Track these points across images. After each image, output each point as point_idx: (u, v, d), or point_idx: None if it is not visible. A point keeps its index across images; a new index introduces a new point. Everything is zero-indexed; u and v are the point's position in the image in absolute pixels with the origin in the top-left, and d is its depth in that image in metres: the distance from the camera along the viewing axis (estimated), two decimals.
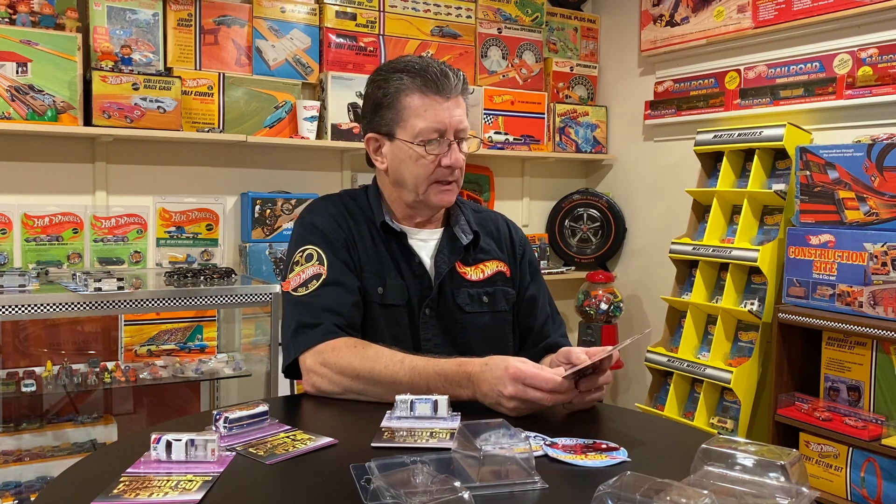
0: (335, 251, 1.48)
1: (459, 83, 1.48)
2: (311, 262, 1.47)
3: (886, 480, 2.15)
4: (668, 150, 3.38)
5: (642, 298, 3.51)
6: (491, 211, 1.72)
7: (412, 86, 1.46)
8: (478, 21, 3.38)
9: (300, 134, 2.91)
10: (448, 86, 1.46)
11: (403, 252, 1.52)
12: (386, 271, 1.50)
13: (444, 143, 1.47)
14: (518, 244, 1.66)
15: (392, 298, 1.49)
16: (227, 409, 1.16)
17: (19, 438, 2.45)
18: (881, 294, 2.18)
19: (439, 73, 1.45)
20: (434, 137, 1.46)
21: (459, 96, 1.49)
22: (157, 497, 0.92)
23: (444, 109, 1.46)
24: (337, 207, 1.55)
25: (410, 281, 1.51)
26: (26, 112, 2.41)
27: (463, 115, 1.49)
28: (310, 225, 1.52)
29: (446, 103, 1.46)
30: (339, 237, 1.50)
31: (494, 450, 0.97)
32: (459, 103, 1.49)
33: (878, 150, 2.26)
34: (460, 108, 1.49)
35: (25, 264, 2.54)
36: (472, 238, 1.57)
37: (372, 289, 1.48)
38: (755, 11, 2.90)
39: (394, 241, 1.53)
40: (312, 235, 1.50)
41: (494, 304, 1.57)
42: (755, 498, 0.86)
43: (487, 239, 1.61)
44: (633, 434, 1.24)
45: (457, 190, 1.54)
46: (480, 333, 1.54)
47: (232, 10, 2.87)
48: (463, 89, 1.49)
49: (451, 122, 1.46)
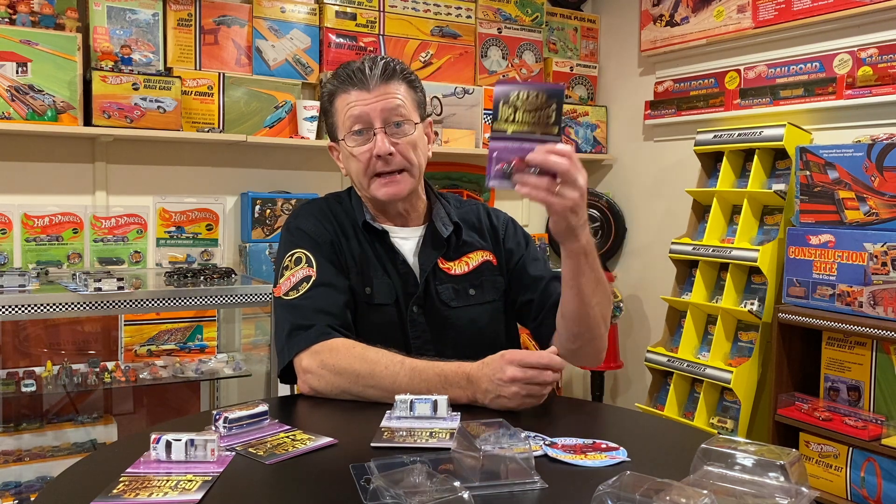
0: (323, 253, 1.48)
1: (377, 72, 1.45)
2: (300, 265, 1.47)
3: (886, 480, 2.15)
4: (668, 150, 3.38)
5: (642, 298, 3.51)
6: (472, 202, 1.70)
7: (334, 88, 1.49)
8: (478, 21, 3.38)
9: (300, 134, 2.91)
10: (364, 78, 1.45)
11: (388, 251, 1.52)
12: (372, 271, 1.50)
13: (369, 134, 1.46)
14: (499, 229, 1.64)
15: (379, 298, 1.49)
16: (226, 409, 1.16)
17: (19, 438, 2.45)
18: (881, 294, 2.18)
19: (356, 69, 1.46)
20: (357, 129, 1.46)
21: (388, 83, 1.46)
22: (157, 497, 0.92)
23: (363, 101, 1.45)
24: (322, 211, 1.56)
25: (396, 280, 1.51)
26: (26, 112, 2.41)
27: (392, 102, 1.45)
28: (296, 229, 1.52)
29: (368, 93, 1.45)
30: (326, 239, 1.50)
31: (494, 450, 0.97)
32: (387, 90, 1.46)
33: (878, 150, 2.26)
34: (389, 94, 1.45)
35: (25, 264, 2.54)
36: (451, 229, 1.56)
37: (360, 289, 1.49)
38: (755, 11, 2.90)
39: (377, 241, 1.53)
40: (300, 239, 1.51)
41: (483, 296, 1.56)
42: (755, 498, 0.86)
43: (470, 231, 1.60)
44: (633, 434, 1.25)
45: (407, 182, 1.49)
46: (469, 327, 1.53)
47: (232, 10, 2.87)
48: (386, 77, 1.46)
49: (371, 111, 1.44)
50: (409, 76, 1.52)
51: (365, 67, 1.46)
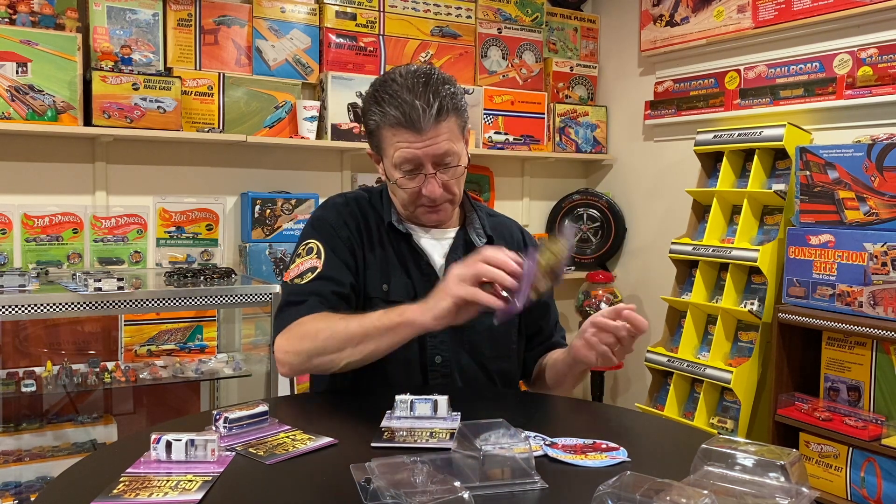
0: (335, 249, 1.51)
1: (431, 115, 1.41)
2: (310, 255, 1.51)
3: (886, 480, 2.15)
4: (668, 150, 3.38)
5: (642, 298, 3.51)
6: (506, 217, 1.74)
7: (384, 121, 1.45)
8: (478, 21, 3.38)
9: (300, 134, 2.91)
10: (417, 119, 1.41)
11: (411, 252, 1.55)
12: (391, 269, 1.53)
13: (419, 174, 1.47)
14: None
15: (396, 295, 1.50)
16: (226, 409, 1.16)
17: (19, 438, 2.45)
18: (881, 294, 2.18)
19: (408, 109, 1.41)
20: (409, 168, 1.46)
21: (440, 124, 1.43)
22: (157, 497, 0.92)
23: (415, 144, 1.43)
24: (348, 206, 1.58)
25: (418, 279, 1.53)
26: (26, 112, 2.41)
27: (444, 142, 1.44)
28: (318, 220, 1.57)
29: (419, 136, 1.43)
30: (344, 234, 1.53)
31: (494, 450, 0.97)
32: (439, 131, 1.43)
33: (878, 150, 2.26)
34: (440, 136, 1.44)
35: (25, 264, 2.54)
36: (485, 242, 1.59)
37: (377, 285, 1.51)
38: (755, 11, 2.90)
39: (402, 241, 1.56)
40: (318, 230, 1.54)
41: None
42: (755, 498, 0.86)
43: (500, 243, 1.62)
44: (633, 434, 1.25)
45: (450, 208, 1.55)
46: (487, 333, 1.55)
47: (232, 10, 2.87)
48: (441, 116, 1.42)
49: (424, 154, 1.44)
50: (459, 105, 1.48)
51: (418, 107, 1.41)
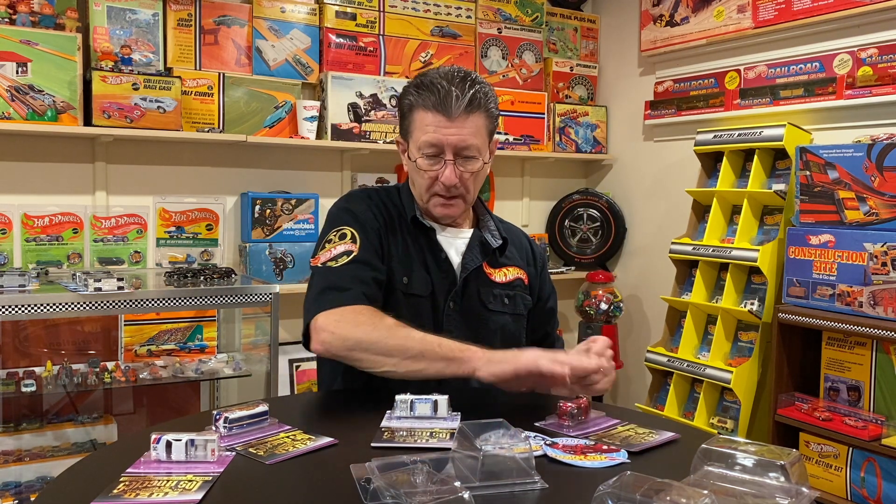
0: (367, 235, 1.54)
1: (463, 103, 1.48)
2: (344, 240, 1.53)
3: (886, 480, 2.15)
4: (668, 150, 3.38)
5: (642, 298, 3.51)
6: (514, 225, 1.82)
7: (419, 102, 1.52)
8: (478, 21, 3.38)
9: (300, 134, 2.91)
10: (449, 106, 1.48)
11: (431, 247, 1.59)
12: (412, 263, 1.56)
13: (440, 160, 1.52)
14: (538, 258, 1.77)
15: (415, 289, 1.54)
16: (227, 409, 1.16)
17: (19, 438, 2.45)
18: (881, 294, 2.18)
19: (444, 93, 1.48)
20: (431, 153, 1.51)
21: (469, 116, 1.50)
22: (157, 497, 0.92)
23: (443, 128, 1.49)
24: (373, 199, 1.63)
25: (436, 275, 1.57)
26: (26, 112, 2.41)
27: (468, 134, 1.50)
28: (346, 210, 1.59)
29: (448, 122, 1.49)
30: (374, 225, 1.56)
31: (494, 450, 0.97)
32: (466, 123, 1.50)
33: (878, 150, 2.26)
34: (467, 127, 1.50)
35: (25, 264, 2.54)
36: (500, 243, 1.65)
37: (398, 277, 1.54)
38: (755, 11, 2.90)
39: (422, 236, 1.60)
40: (349, 218, 1.57)
41: (515, 307, 1.65)
42: (755, 498, 0.86)
43: (511, 247, 1.70)
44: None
45: (462, 205, 1.59)
46: (499, 332, 1.61)
47: (232, 10, 2.87)
48: (470, 110, 1.49)
49: (447, 140, 1.50)
50: (490, 106, 1.55)
51: (453, 94, 1.48)
